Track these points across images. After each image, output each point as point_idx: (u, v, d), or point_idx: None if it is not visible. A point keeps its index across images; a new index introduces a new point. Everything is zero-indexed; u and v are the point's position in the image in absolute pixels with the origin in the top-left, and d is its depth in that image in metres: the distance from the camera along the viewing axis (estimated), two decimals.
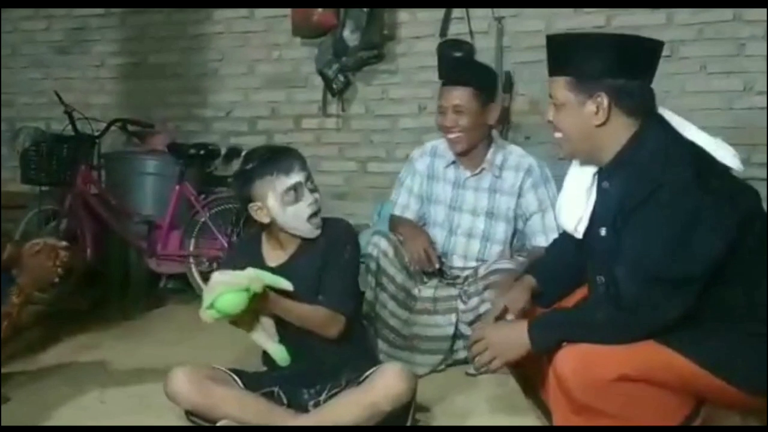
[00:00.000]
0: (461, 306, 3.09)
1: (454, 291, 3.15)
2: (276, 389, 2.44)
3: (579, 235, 2.20)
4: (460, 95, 3.12)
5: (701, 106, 4.03)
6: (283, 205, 2.44)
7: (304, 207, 2.45)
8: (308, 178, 2.47)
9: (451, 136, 3.16)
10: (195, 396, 2.30)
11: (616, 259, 2.02)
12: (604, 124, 2.07)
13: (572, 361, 1.95)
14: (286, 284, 2.37)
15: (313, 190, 2.48)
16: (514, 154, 3.22)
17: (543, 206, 3.16)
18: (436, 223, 3.30)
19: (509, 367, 2.44)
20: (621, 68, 2.04)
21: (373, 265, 3.11)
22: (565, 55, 2.12)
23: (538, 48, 4.26)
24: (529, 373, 2.35)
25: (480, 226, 3.21)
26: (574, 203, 2.23)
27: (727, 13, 4.03)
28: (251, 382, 2.43)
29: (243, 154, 2.66)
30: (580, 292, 2.29)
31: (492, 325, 2.26)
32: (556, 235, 3.04)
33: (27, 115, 5.43)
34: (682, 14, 4.12)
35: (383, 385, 2.28)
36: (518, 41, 4.39)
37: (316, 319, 2.42)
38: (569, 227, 2.24)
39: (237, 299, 2.26)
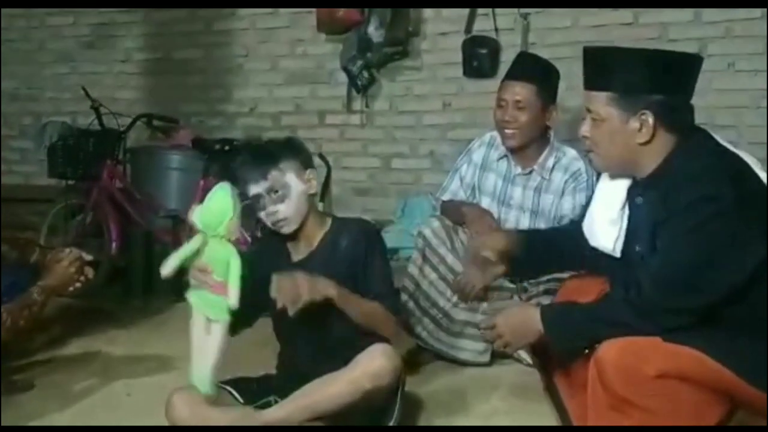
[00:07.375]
0: (516, 300, 3.08)
1: (511, 285, 3.11)
2: (273, 398, 2.34)
3: (617, 254, 2.16)
4: (523, 91, 3.09)
5: (728, 104, 4.01)
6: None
7: (265, 216, 2.39)
8: (271, 189, 2.35)
9: (508, 131, 3.13)
10: (193, 422, 2.25)
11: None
12: (647, 142, 2.03)
13: (615, 354, 1.93)
14: (233, 297, 2.13)
15: (277, 201, 2.36)
16: (567, 156, 3.18)
17: (575, 212, 3.05)
18: None
19: (533, 358, 2.44)
20: (665, 84, 2.01)
21: (420, 243, 3.10)
22: (607, 69, 2.05)
23: (564, 44, 4.31)
24: (551, 368, 2.35)
25: (525, 223, 3.18)
26: (608, 221, 2.18)
27: (755, 11, 4.01)
28: (248, 393, 2.35)
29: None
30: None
31: (502, 313, 2.28)
32: None
33: (53, 110, 5.49)
34: (710, 12, 4.09)
35: (363, 362, 2.21)
36: (544, 38, 4.38)
37: (378, 316, 2.36)
38: (606, 247, 2.19)
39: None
